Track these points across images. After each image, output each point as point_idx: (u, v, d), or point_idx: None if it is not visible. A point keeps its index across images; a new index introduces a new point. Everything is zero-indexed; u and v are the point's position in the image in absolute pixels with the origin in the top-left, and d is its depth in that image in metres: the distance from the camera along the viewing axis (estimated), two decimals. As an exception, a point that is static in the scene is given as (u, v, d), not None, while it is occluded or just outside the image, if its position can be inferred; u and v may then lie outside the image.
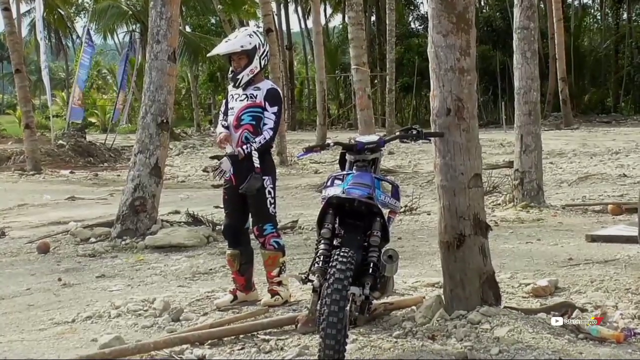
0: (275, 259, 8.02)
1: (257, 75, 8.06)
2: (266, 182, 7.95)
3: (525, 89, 14.62)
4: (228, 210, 8.27)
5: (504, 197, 15.43)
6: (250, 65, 7.96)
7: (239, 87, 8.05)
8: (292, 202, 18.42)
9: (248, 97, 8.02)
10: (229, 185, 8.12)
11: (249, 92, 8.02)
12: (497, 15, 55.75)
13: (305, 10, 64.39)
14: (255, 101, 7.99)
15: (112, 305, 8.18)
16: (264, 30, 33.02)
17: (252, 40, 7.98)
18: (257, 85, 8.04)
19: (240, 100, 8.06)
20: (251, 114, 7.98)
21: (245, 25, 52.02)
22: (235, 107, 8.08)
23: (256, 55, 7.97)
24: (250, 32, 8.13)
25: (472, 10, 7.00)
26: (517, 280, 8.60)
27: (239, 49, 7.94)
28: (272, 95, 8.03)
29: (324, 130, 32.90)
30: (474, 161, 6.89)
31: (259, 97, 7.99)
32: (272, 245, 8.01)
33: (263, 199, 7.97)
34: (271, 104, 7.99)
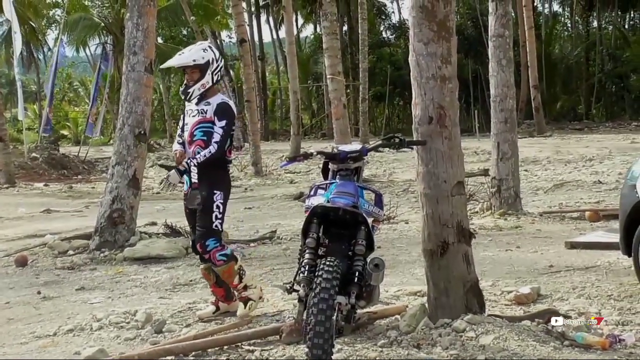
0: (231, 270, 7.91)
1: (209, 90, 7.96)
2: (216, 196, 7.83)
3: (501, 97, 14.67)
4: (192, 225, 8.16)
5: (481, 205, 15.46)
6: (202, 80, 7.87)
7: (190, 101, 7.98)
8: (269, 212, 18.37)
9: (199, 113, 7.93)
10: (185, 200, 8.10)
11: (200, 108, 7.93)
12: (468, 24, 56.05)
13: (277, 21, 64.44)
14: (205, 116, 7.89)
15: (93, 318, 8.14)
16: (237, 41, 33.08)
17: (205, 55, 7.90)
18: (208, 100, 7.93)
19: (192, 116, 7.98)
20: (202, 130, 7.89)
21: (217, 37, 52.14)
22: (189, 122, 8.01)
23: (208, 70, 7.88)
24: (205, 47, 8.05)
25: (453, 19, 7.02)
26: (499, 287, 8.63)
27: (191, 62, 7.87)
28: (222, 109, 7.88)
29: (298, 140, 32.89)
30: (456, 169, 6.90)
31: (209, 112, 7.88)
32: (220, 260, 7.83)
33: (209, 214, 7.83)
34: (220, 117, 7.84)
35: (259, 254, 12.51)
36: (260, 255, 12.32)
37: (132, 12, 13.45)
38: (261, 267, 11.25)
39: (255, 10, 62.87)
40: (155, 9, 13.82)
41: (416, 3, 6.91)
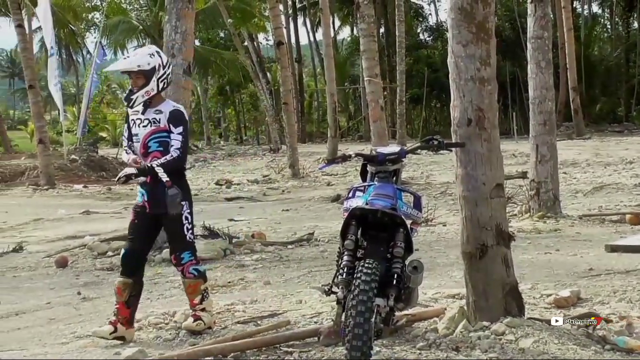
0: (196, 287, 7.66)
1: (155, 98, 7.56)
2: (183, 207, 7.57)
3: (540, 99, 14.58)
4: (133, 236, 7.74)
5: (519, 208, 15.37)
6: (147, 87, 7.45)
7: (132, 108, 7.56)
8: (307, 215, 18.40)
9: (151, 122, 7.52)
10: (141, 211, 7.68)
11: (151, 117, 7.52)
12: (506, 25, 55.77)
13: (314, 23, 64.48)
14: (159, 126, 7.51)
15: (133, 319, 8.17)
16: (274, 44, 33.15)
17: (151, 61, 7.48)
18: (159, 108, 7.55)
19: (143, 126, 7.55)
20: (157, 140, 7.53)
21: (254, 39, 52.25)
22: (140, 133, 7.56)
23: (154, 77, 7.46)
24: (152, 52, 7.62)
25: (492, 20, 6.98)
26: (538, 291, 8.55)
27: (136, 68, 7.46)
28: (175, 117, 7.53)
29: (335, 142, 32.90)
30: (495, 171, 6.85)
31: (163, 121, 7.51)
32: (191, 273, 7.63)
33: (180, 225, 7.61)
34: (175, 124, 7.50)
35: (296, 256, 12.54)
36: (297, 258, 12.34)
37: (170, 15, 13.52)
38: (299, 269, 11.28)
39: (292, 12, 63.00)
40: (193, 11, 13.89)
41: (455, 5, 6.88)
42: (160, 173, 7.35)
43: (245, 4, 47.53)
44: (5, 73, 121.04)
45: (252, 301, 8.96)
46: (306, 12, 66.45)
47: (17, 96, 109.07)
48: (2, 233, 17.46)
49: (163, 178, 7.34)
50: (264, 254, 12.78)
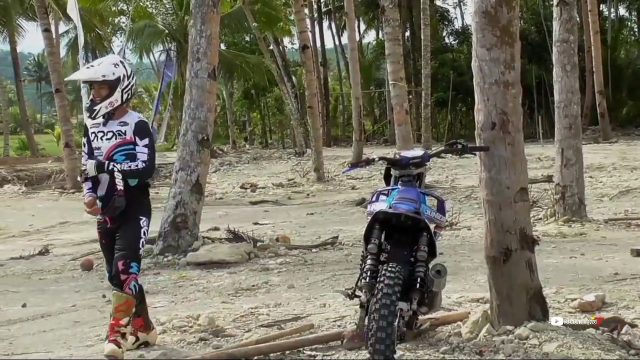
0: (130, 306, 7.10)
1: (118, 109, 7.16)
2: (142, 222, 7.20)
3: (565, 103, 14.53)
4: (105, 258, 7.46)
5: (544, 212, 15.33)
6: (110, 98, 7.06)
7: (94, 119, 7.16)
8: (331, 218, 18.42)
9: (116, 135, 7.12)
10: (103, 228, 7.32)
11: (116, 129, 7.12)
12: (532, 29, 55.52)
13: (339, 27, 64.47)
14: (125, 138, 7.10)
15: (157, 322, 8.20)
16: (299, 47, 33.18)
17: (116, 71, 7.09)
18: (123, 120, 7.16)
19: (107, 138, 7.13)
20: (124, 153, 7.10)
21: (279, 43, 52.29)
22: (103, 146, 7.14)
23: (118, 88, 7.08)
24: (116, 62, 7.25)
25: (517, 24, 6.97)
26: (562, 295, 8.52)
27: (100, 78, 7.06)
28: (141, 128, 7.15)
29: (360, 146, 32.85)
30: (519, 175, 6.84)
31: (129, 133, 7.11)
32: (131, 289, 7.06)
33: (137, 238, 7.20)
34: (141, 136, 7.11)
35: (320, 259, 12.56)
36: (322, 261, 12.36)
37: (195, 19, 13.59)
38: (323, 273, 11.29)
39: (317, 16, 63.00)
40: (218, 16, 13.95)
41: (479, 8, 6.87)
42: (117, 179, 6.97)
43: (271, 8, 47.58)
44: (32, 77, 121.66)
45: (276, 304, 8.98)
46: (331, 15, 66.45)
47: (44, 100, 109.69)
48: (28, 236, 17.56)
49: (119, 186, 6.97)
50: (288, 257, 12.80)
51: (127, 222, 7.16)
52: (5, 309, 9.84)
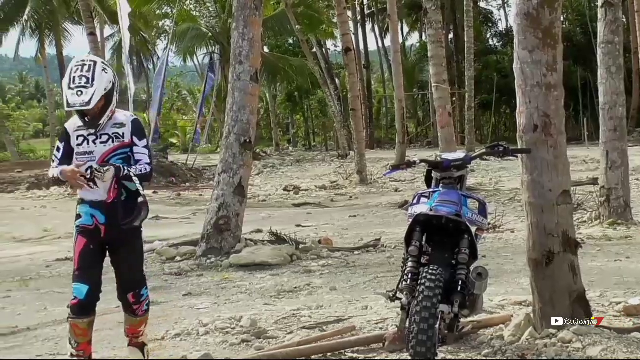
0: (146, 320, 6.84)
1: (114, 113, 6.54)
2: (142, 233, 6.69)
3: (610, 105, 14.41)
4: (86, 267, 6.41)
5: (589, 215, 15.20)
6: (110, 106, 6.39)
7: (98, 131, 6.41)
8: (374, 221, 18.40)
9: (113, 138, 6.42)
10: (93, 235, 6.45)
11: (112, 132, 6.42)
12: (577, 30, 55.15)
13: (383, 29, 64.40)
14: (123, 141, 6.44)
15: (200, 323, 8.25)
16: (342, 50, 33.22)
17: (109, 78, 6.41)
18: (119, 121, 6.48)
19: (101, 142, 6.40)
20: (121, 157, 6.42)
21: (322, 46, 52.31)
22: (97, 150, 6.38)
23: (114, 92, 6.46)
24: (104, 68, 6.43)
25: (559, 26, 6.92)
26: (607, 298, 8.44)
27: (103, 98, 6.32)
28: (139, 128, 6.57)
29: (403, 148, 32.77)
30: (562, 177, 6.80)
31: (127, 135, 6.45)
32: (144, 310, 6.73)
33: (141, 257, 6.84)
34: (139, 137, 6.52)
35: (362, 262, 12.56)
36: (364, 264, 12.36)
37: (238, 22, 13.64)
38: (365, 275, 11.29)
39: (360, 19, 62.94)
40: (261, 18, 14.01)
41: (521, 11, 6.85)
42: (137, 184, 6.37)
43: (314, 11, 47.64)
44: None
45: (318, 307, 9.00)
46: (375, 18, 66.40)
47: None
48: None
49: (141, 191, 6.38)
50: (330, 259, 12.82)
51: (128, 236, 6.51)
52: (51, 309, 9.94)
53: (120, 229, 6.39)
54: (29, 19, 51.40)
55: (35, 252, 15.40)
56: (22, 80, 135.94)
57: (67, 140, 6.50)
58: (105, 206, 6.39)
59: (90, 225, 6.41)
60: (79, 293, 6.37)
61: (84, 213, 6.45)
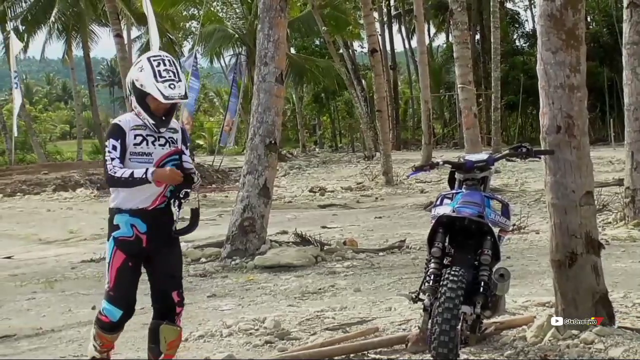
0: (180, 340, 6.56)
1: None
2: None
3: (635, 105, 14.34)
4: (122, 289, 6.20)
5: (614, 216, 15.14)
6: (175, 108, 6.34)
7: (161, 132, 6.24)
8: (399, 222, 18.39)
9: (169, 142, 6.27)
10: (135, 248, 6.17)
11: (168, 136, 6.26)
12: (604, 31, 54.85)
13: (409, 30, 64.27)
14: (177, 147, 6.31)
15: (223, 324, 8.30)
16: (368, 51, 33.18)
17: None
18: (173, 127, 6.34)
19: (160, 145, 6.23)
20: (173, 164, 6.23)
21: (349, 47, 52.33)
22: (155, 153, 6.19)
23: None
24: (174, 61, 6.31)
25: (582, 27, 6.92)
26: (630, 299, 8.42)
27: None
28: (186, 136, 6.51)
29: (429, 149, 32.75)
30: (585, 179, 6.80)
31: (179, 141, 6.35)
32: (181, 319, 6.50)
33: (181, 255, 6.67)
34: (186, 145, 6.45)
35: (387, 263, 12.57)
36: (389, 265, 12.37)
37: (263, 23, 13.69)
38: (390, 276, 11.31)
39: (387, 20, 62.96)
40: (286, 20, 14.04)
41: (544, 12, 6.85)
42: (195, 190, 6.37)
43: (340, 12, 47.67)
44: (105, 82, 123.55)
45: (342, 308, 9.03)
46: (401, 19, 66.32)
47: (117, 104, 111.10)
48: (100, 239, 17.76)
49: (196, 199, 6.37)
50: (355, 261, 12.83)
51: (170, 240, 6.34)
52: (76, 310, 10.02)
53: (162, 236, 6.21)
54: (56, 21, 51.68)
55: (61, 254, 15.51)
56: (49, 82, 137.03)
57: (123, 138, 6.11)
58: (146, 214, 6.14)
59: (130, 237, 6.11)
60: (111, 316, 6.19)
61: (123, 223, 6.12)
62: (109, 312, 6.19)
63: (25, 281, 12.61)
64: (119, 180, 6.00)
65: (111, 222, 6.19)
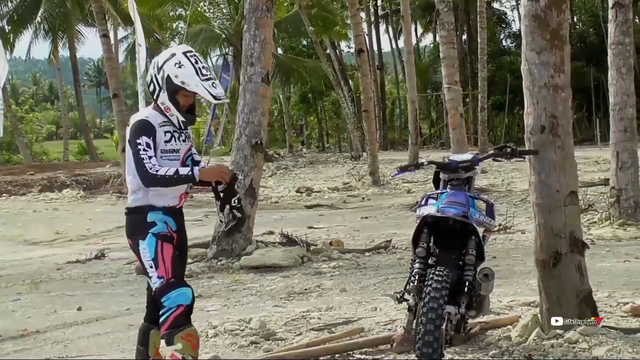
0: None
1: None
2: None
3: (620, 105, 14.41)
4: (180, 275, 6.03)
5: (600, 215, 15.20)
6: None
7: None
8: (386, 222, 18.41)
9: (188, 138, 6.21)
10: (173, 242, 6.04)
11: (187, 132, 6.19)
12: (590, 31, 54.98)
13: (396, 30, 64.36)
14: (191, 142, 6.30)
15: (209, 325, 8.29)
16: (355, 51, 33.20)
17: None
18: None
19: (183, 140, 6.13)
20: (190, 158, 6.23)
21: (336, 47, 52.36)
22: (181, 149, 6.12)
23: None
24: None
25: (566, 27, 6.94)
26: (615, 299, 8.44)
27: None
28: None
29: (416, 149, 32.77)
30: (569, 178, 6.82)
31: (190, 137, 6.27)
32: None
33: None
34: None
35: (373, 263, 12.59)
36: (375, 265, 12.39)
37: (249, 23, 13.67)
38: (375, 277, 11.33)
39: (374, 20, 63.05)
40: (272, 20, 14.02)
41: (529, 12, 6.87)
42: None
43: (327, 12, 47.68)
44: (92, 82, 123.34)
45: (328, 308, 9.03)
46: (388, 19, 66.43)
47: (104, 105, 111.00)
48: (86, 240, 17.81)
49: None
50: (341, 261, 12.83)
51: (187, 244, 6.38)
52: (61, 312, 10.01)
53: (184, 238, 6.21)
54: (42, 21, 51.63)
55: (47, 255, 15.50)
56: (35, 82, 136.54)
57: (154, 135, 5.90)
58: (175, 212, 6.09)
59: (167, 233, 5.98)
60: (186, 298, 5.85)
61: (159, 220, 5.96)
62: (184, 295, 5.84)
63: (10, 282, 12.61)
64: (161, 179, 5.78)
65: (143, 220, 5.94)
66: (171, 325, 5.77)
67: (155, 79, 5.99)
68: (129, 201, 6.04)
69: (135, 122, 5.95)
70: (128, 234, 6.06)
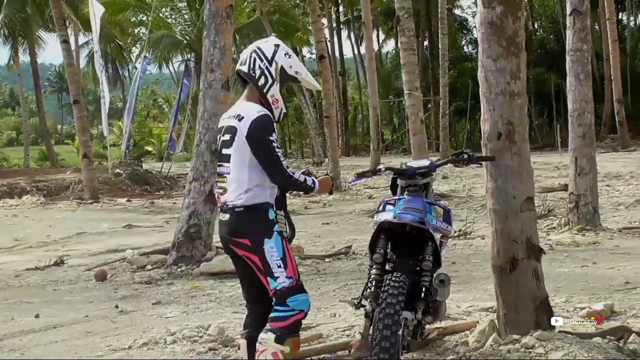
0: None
1: None
2: None
3: (579, 111, 14.52)
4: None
5: (559, 221, 15.28)
6: None
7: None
8: (347, 228, 18.42)
9: None
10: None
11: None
12: (551, 37, 55.47)
13: (358, 37, 64.61)
14: None
15: (167, 332, 8.27)
16: (317, 57, 33.25)
17: None
18: None
19: None
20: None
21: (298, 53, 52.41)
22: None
23: None
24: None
25: (522, 34, 6.98)
26: (572, 304, 8.52)
27: None
28: None
29: (377, 155, 32.86)
30: (525, 184, 6.87)
31: None
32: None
33: None
34: None
35: (333, 269, 12.58)
36: (334, 271, 12.38)
37: (209, 30, 13.65)
38: (335, 283, 11.32)
39: (336, 26, 63.19)
40: (232, 26, 14.02)
41: (485, 19, 6.91)
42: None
43: (289, 18, 47.83)
44: (53, 88, 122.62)
45: (287, 314, 9.00)
46: (350, 25, 66.63)
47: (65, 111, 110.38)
48: (45, 247, 17.67)
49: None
50: (301, 267, 12.71)
51: None
52: (18, 319, 9.90)
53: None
54: (2, 26, 51.30)
55: (5, 262, 15.34)
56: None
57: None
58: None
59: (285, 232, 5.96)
60: (308, 306, 5.83)
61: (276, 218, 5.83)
62: (306, 302, 5.78)
63: (-33, 290, 12.48)
64: (294, 183, 5.83)
65: (266, 218, 5.73)
66: (289, 327, 5.66)
67: (267, 71, 5.84)
68: (243, 199, 5.72)
69: (262, 117, 5.72)
70: (244, 233, 5.74)
